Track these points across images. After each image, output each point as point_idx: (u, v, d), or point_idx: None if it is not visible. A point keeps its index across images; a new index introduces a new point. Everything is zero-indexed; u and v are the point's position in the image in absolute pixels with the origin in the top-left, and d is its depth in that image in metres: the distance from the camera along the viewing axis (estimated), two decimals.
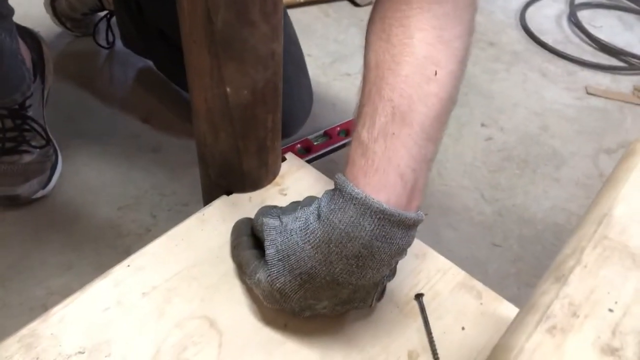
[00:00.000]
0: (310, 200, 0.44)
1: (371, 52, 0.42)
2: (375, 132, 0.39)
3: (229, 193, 0.54)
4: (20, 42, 0.86)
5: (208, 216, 0.52)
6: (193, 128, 0.52)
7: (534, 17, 1.36)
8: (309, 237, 0.39)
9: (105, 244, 0.79)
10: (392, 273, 0.44)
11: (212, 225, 0.51)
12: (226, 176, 0.52)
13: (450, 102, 0.41)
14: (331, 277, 0.38)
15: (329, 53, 1.19)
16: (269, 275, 0.40)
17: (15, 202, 0.82)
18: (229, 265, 0.48)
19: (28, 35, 0.92)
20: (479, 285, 0.48)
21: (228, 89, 0.44)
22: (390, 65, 0.40)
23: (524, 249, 0.84)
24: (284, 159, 0.58)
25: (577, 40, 1.30)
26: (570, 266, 0.26)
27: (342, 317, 0.45)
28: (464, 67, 0.43)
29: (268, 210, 0.45)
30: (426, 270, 0.49)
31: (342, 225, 0.37)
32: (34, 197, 0.83)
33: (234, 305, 0.45)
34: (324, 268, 0.38)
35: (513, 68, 1.20)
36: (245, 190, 0.54)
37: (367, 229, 0.36)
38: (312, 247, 0.38)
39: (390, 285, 0.47)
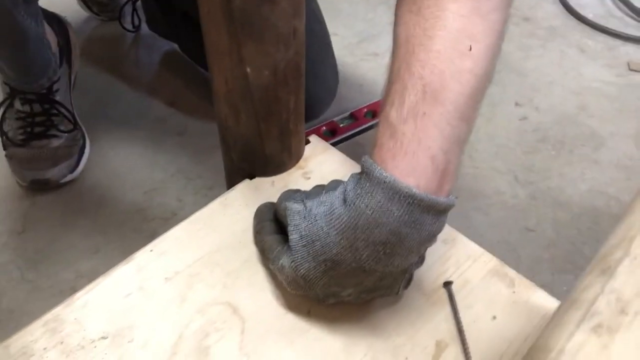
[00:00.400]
0: (335, 184, 0.42)
1: (401, 26, 0.39)
2: (405, 112, 0.36)
3: (251, 177, 0.53)
4: (47, 27, 0.86)
5: (231, 200, 0.51)
6: (214, 110, 0.51)
7: None
8: (334, 222, 0.37)
9: (132, 228, 0.80)
10: (421, 260, 0.42)
11: (235, 210, 0.50)
12: (248, 160, 0.51)
13: (486, 79, 0.38)
14: (357, 264, 0.37)
15: (356, 32, 1.16)
16: (292, 261, 0.39)
17: (44, 187, 0.84)
18: (251, 250, 0.47)
19: (55, 20, 0.92)
20: (511, 272, 0.46)
21: (248, 70, 0.43)
22: (422, 40, 0.37)
23: (559, 234, 0.80)
24: (307, 142, 0.56)
25: (619, 13, 1.23)
26: (617, 258, 0.24)
27: (367, 304, 0.43)
28: (501, 42, 0.40)
29: (291, 195, 0.44)
30: (455, 256, 0.47)
31: (369, 210, 0.35)
32: (63, 181, 0.85)
33: (257, 292, 0.44)
34: (350, 255, 0.37)
35: (549, 44, 1.14)
36: (268, 174, 0.52)
37: (395, 215, 0.35)
38: (338, 232, 0.37)
39: (418, 273, 0.45)
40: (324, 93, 0.88)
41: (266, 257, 0.44)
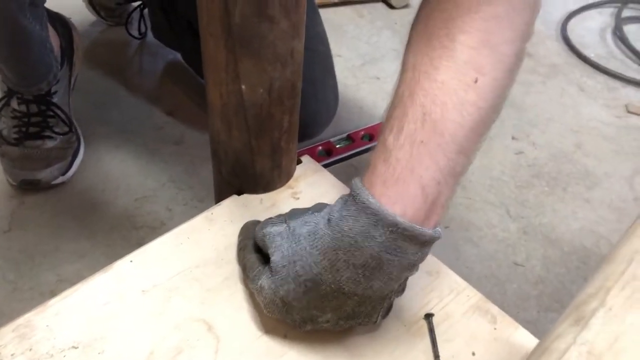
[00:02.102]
0: (321, 206, 0.42)
1: (410, 52, 0.39)
2: (402, 138, 0.36)
3: (239, 193, 0.52)
4: (50, 29, 0.86)
5: (216, 215, 0.50)
6: (208, 123, 0.50)
7: (576, 29, 1.31)
8: (317, 242, 0.37)
9: (120, 234, 0.79)
10: (401, 289, 0.42)
11: (220, 225, 0.50)
12: (238, 175, 0.51)
13: (492, 113, 0.38)
14: (337, 285, 0.37)
15: (359, 55, 1.17)
16: (272, 282, 0.39)
17: (35, 187, 0.83)
18: (233, 268, 0.47)
19: (59, 21, 0.93)
20: (494, 308, 0.46)
21: (243, 86, 0.43)
22: (428, 69, 0.37)
23: (548, 271, 0.80)
24: (299, 162, 0.56)
25: (621, 55, 1.25)
26: (592, 308, 0.23)
27: (345, 331, 0.43)
28: (513, 76, 0.39)
29: (270, 220, 0.43)
30: (439, 289, 0.46)
31: (352, 233, 0.35)
32: (54, 182, 0.84)
33: (235, 311, 0.44)
34: (330, 276, 0.36)
35: (550, 81, 1.15)
36: (257, 191, 0.52)
37: (377, 240, 0.35)
38: (320, 252, 0.37)
39: (399, 303, 0.44)
40: (322, 113, 0.88)
41: (246, 275, 0.43)
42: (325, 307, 0.38)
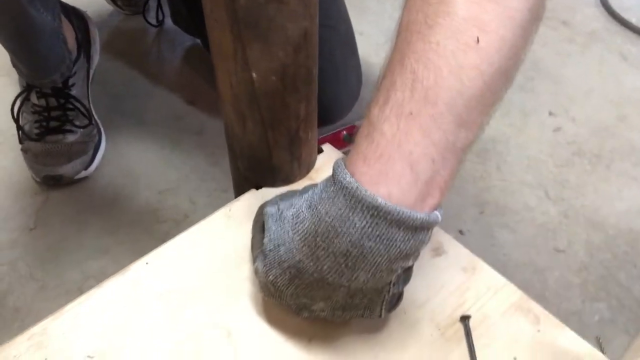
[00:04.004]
0: (310, 187, 0.38)
1: (405, 10, 0.34)
2: (388, 110, 0.31)
3: (258, 187, 0.49)
4: (65, 21, 0.85)
5: (234, 212, 0.48)
6: (222, 115, 0.47)
7: None
8: (298, 226, 0.34)
9: (143, 229, 0.78)
10: (405, 279, 0.37)
11: (238, 222, 0.47)
12: (255, 169, 0.48)
13: (499, 78, 0.32)
14: (319, 274, 0.33)
15: (382, 31, 1.12)
16: (264, 266, 0.36)
17: (58, 182, 0.82)
18: (252, 268, 0.44)
19: (75, 14, 0.91)
20: (537, 308, 0.42)
21: (254, 74, 0.39)
22: (421, 28, 0.32)
23: (591, 257, 0.75)
24: (320, 151, 0.53)
25: None
26: None
27: (375, 336, 0.40)
28: (526, 35, 0.33)
29: (270, 200, 0.41)
30: (475, 287, 0.42)
31: (329, 217, 0.32)
32: (77, 177, 0.83)
33: (255, 315, 0.41)
34: (312, 264, 0.33)
35: (588, 50, 1.08)
36: (276, 184, 0.49)
37: (357, 226, 0.31)
38: (301, 238, 0.33)
39: (432, 304, 0.41)
40: (345, 96, 0.84)
41: (252, 254, 0.41)
42: (314, 295, 0.35)
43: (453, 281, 0.43)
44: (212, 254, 0.45)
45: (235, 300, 0.42)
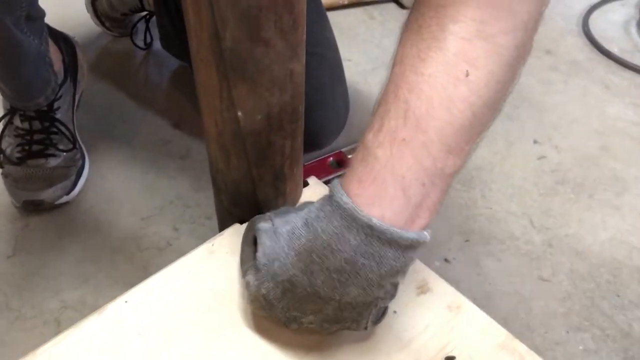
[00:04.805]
0: (305, 205, 0.41)
1: (400, 44, 0.37)
2: (382, 136, 0.34)
3: (242, 222, 0.49)
4: (52, 44, 0.84)
5: (217, 247, 0.47)
6: (206, 149, 0.47)
7: (597, 23, 1.24)
8: (294, 242, 0.36)
9: (124, 257, 0.76)
10: (391, 295, 0.39)
11: (221, 258, 0.46)
12: (239, 204, 0.48)
13: (486, 109, 0.35)
14: (312, 289, 0.35)
15: (371, 59, 1.13)
16: (256, 279, 0.38)
17: (38, 207, 0.81)
18: (236, 305, 0.43)
19: (62, 39, 0.91)
20: (522, 347, 0.41)
21: (240, 113, 0.39)
22: (415, 62, 0.34)
23: (575, 286, 0.75)
24: (306, 184, 0.52)
25: None
26: None
27: None
28: (513, 70, 0.36)
29: (262, 216, 0.42)
30: (460, 327, 0.42)
31: (325, 235, 0.34)
32: (58, 202, 0.82)
33: (239, 353, 0.40)
34: (306, 278, 0.35)
35: (572, 79, 1.10)
36: None
37: (352, 244, 0.33)
38: (296, 253, 0.35)
39: (416, 344, 0.40)
40: (332, 122, 0.84)
41: (241, 268, 0.42)
42: (305, 309, 0.37)
43: (438, 320, 0.42)
44: (194, 291, 0.44)
45: (217, 338, 0.41)
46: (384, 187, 0.33)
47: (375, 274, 0.34)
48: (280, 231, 0.38)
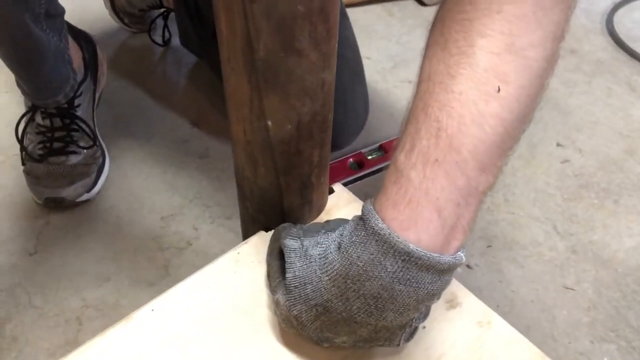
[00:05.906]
0: (336, 223, 0.40)
1: (426, 60, 0.36)
2: (414, 157, 0.33)
3: (267, 229, 0.48)
4: (72, 42, 0.84)
5: (243, 255, 0.47)
6: (232, 155, 0.47)
7: (623, 21, 1.22)
8: (327, 267, 0.35)
9: (145, 256, 0.77)
10: (425, 315, 0.39)
11: (247, 266, 0.46)
12: (265, 212, 0.47)
13: (518, 124, 0.34)
14: (347, 314, 0.35)
15: (390, 56, 1.11)
16: (287, 300, 0.37)
17: (59, 205, 0.81)
18: (262, 315, 0.43)
19: (83, 37, 0.91)
20: None
21: (269, 123, 0.38)
22: (444, 79, 0.33)
23: (600, 295, 0.74)
24: (331, 191, 0.52)
25: None
26: None
27: None
28: (542, 82, 0.35)
29: (289, 231, 0.41)
30: (490, 343, 0.41)
31: (361, 262, 0.33)
32: (79, 200, 0.82)
33: None
34: (341, 304, 0.35)
35: (596, 80, 1.07)
36: None
37: (388, 270, 0.32)
38: (330, 279, 0.35)
39: (446, 359, 0.40)
40: (352, 123, 0.84)
41: (269, 282, 0.42)
42: (339, 331, 0.37)
43: (468, 336, 0.42)
44: (220, 301, 0.44)
45: (245, 350, 0.41)
46: (419, 210, 0.32)
47: (412, 299, 0.33)
48: (311, 253, 0.37)
